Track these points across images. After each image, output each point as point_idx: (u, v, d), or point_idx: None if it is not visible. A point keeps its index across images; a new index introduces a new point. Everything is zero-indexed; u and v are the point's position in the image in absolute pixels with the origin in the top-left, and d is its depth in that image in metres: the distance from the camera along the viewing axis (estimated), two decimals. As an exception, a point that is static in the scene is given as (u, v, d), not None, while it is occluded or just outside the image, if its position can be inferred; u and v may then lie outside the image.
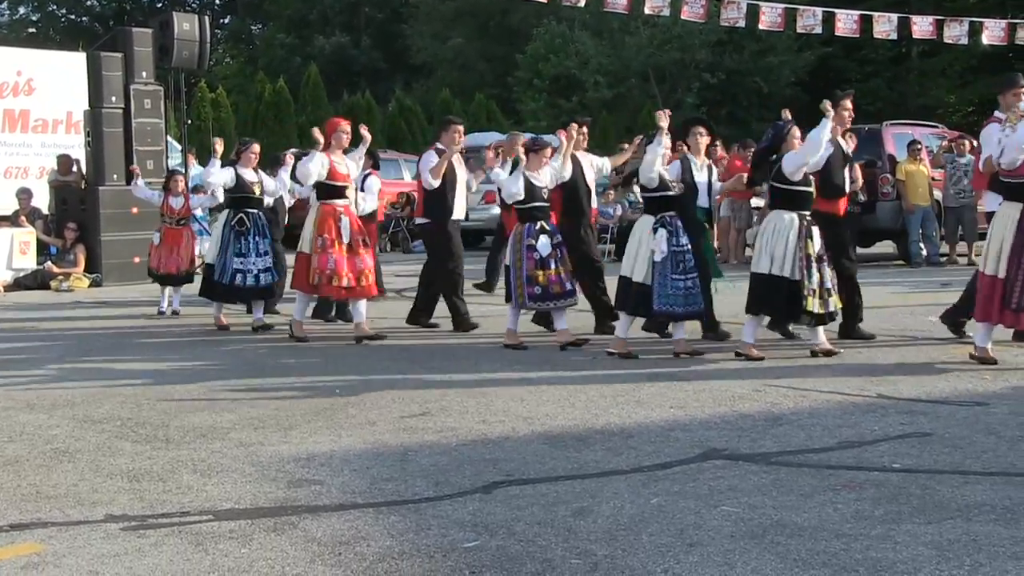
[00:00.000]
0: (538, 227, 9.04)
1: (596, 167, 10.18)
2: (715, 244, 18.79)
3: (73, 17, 53.05)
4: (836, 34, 19.12)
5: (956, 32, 18.87)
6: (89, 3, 52.83)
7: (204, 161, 19.06)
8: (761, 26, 18.88)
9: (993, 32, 19.10)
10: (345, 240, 9.51)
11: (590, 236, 10.08)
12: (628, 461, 5.44)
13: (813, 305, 8.05)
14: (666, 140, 8.54)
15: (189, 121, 23.34)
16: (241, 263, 10.26)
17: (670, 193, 8.55)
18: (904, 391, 7.05)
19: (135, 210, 15.19)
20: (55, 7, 52.54)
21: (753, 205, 16.74)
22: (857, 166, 13.37)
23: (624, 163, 10.62)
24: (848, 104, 8.87)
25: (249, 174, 10.53)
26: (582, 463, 5.43)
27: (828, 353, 8.30)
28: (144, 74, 15.85)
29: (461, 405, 6.85)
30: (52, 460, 5.62)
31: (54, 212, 16.26)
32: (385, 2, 47.26)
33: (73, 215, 15.68)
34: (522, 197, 9.06)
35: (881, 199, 16.10)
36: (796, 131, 8.38)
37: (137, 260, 15.10)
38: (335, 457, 5.60)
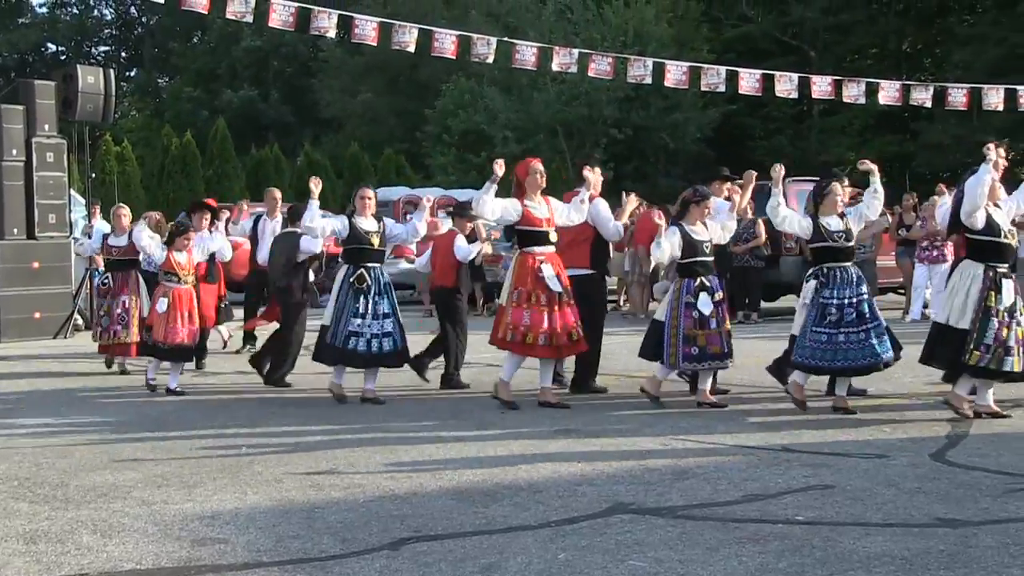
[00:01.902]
0: (697, 284, 8.65)
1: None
2: (621, 299, 18.98)
3: (-27, 68, 52.09)
4: (740, 92, 19.51)
5: (854, 92, 19.38)
6: (-11, 54, 51.99)
7: (108, 215, 18.77)
8: (667, 83, 19.17)
9: (888, 92, 19.65)
10: (555, 289, 8.65)
11: None
12: (536, 516, 5.44)
13: (976, 359, 7.73)
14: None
15: (93, 175, 22.99)
16: (358, 325, 9.05)
17: (833, 244, 8.53)
18: (807, 444, 7.17)
19: (36, 265, 14.90)
20: (-46, 58, 51.60)
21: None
22: (760, 221, 13.64)
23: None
24: (1000, 151, 8.35)
25: (366, 223, 9.35)
26: (490, 518, 5.42)
27: (994, 415, 7.91)
28: (47, 127, 15.57)
29: (368, 460, 6.80)
30: (-56, 523, 5.45)
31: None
32: (294, 56, 47.24)
33: (-30, 270, 15.29)
34: (671, 257, 8.74)
35: (785, 254, 16.44)
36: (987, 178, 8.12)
37: (38, 316, 14.79)
38: (240, 515, 5.52)
